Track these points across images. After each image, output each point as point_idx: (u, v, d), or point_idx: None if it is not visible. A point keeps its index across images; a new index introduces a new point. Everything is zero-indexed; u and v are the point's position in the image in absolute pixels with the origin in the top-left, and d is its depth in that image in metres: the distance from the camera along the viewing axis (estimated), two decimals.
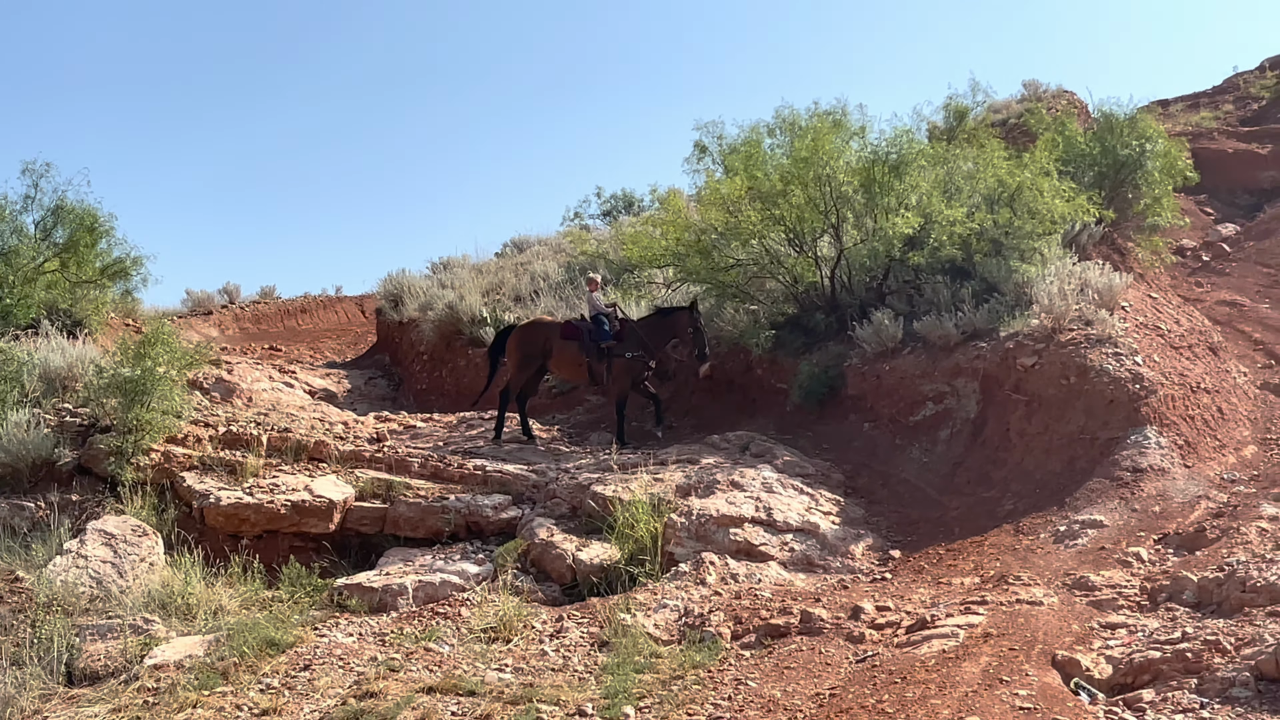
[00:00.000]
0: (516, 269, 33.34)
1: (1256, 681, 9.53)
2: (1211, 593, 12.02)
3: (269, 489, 16.14)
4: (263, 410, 19.97)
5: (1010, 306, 19.54)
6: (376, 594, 14.02)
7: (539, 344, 20.70)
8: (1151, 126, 24.71)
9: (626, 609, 13.12)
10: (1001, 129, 30.40)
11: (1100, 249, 22.96)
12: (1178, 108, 40.11)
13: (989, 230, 20.75)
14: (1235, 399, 19.54)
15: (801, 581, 14.50)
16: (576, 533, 15.80)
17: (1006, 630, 11.38)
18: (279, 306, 40.23)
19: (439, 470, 17.58)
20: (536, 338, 20.82)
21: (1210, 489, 16.04)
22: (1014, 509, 16.21)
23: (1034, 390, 17.93)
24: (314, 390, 26.15)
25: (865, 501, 17.48)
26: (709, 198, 22.52)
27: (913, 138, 22.13)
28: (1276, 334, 24.37)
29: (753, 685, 10.98)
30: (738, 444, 19.08)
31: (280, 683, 11.19)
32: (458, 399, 25.82)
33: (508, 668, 11.81)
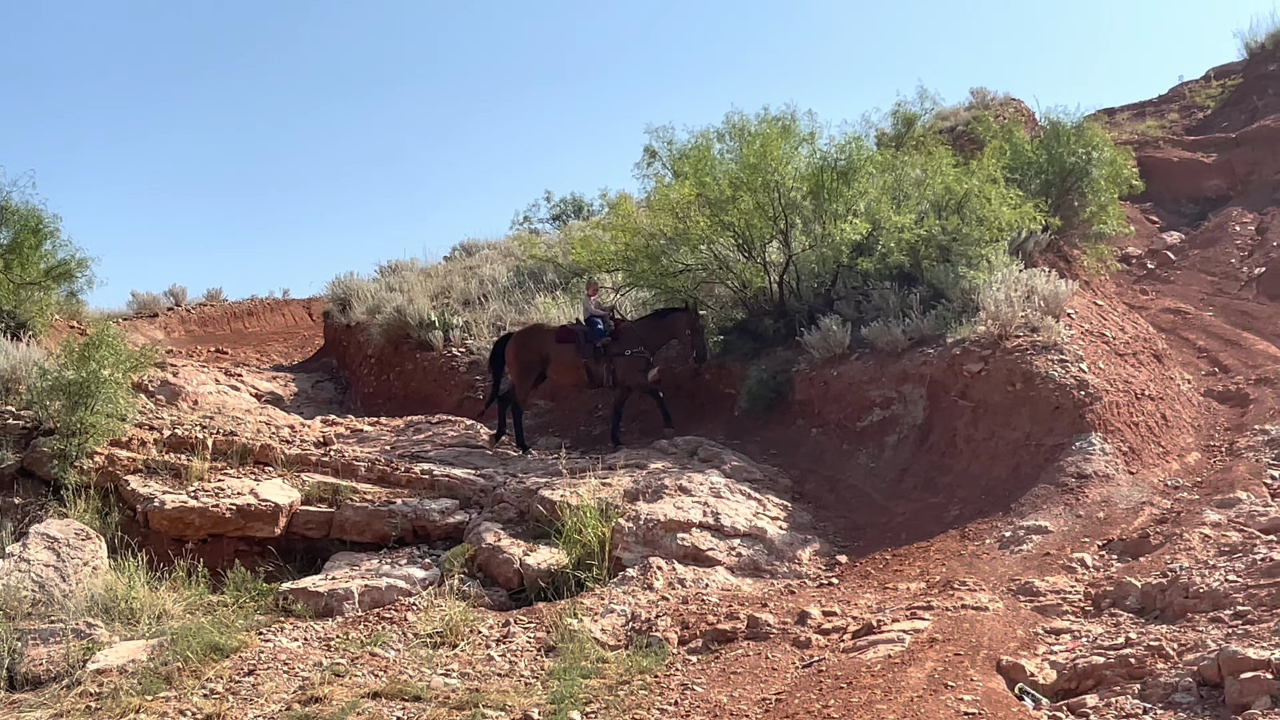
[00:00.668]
0: (465, 273, 33.23)
1: (1199, 687, 9.60)
2: (1155, 598, 12.11)
3: (214, 493, 16.05)
4: (208, 413, 19.83)
5: (957, 313, 19.62)
6: (322, 599, 13.96)
7: (537, 350, 20.70)
8: (1098, 135, 24.86)
9: (573, 614, 13.11)
10: (949, 136, 30.54)
11: (1046, 256, 23.09)
12: (1124, 116, 40.36)
13: (937, 237, 20.83)
14: (1179, 406, 19.69)
15: (749, 586, 14.52)
16: (524, 537, 15.77)
17: (952, 636, 11.42)
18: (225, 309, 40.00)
19: (386, 474, 17.53)
20: (534, 344, 20.82)
21: (1154, 495, 16.15)
22: (960, 515, 16.28)
23: (980, 396, 18.02)
24: (260, 393, 25.98)
25: (813, 507, 17.52)
26: (658, 203, 22.53)
27: (861, 144, 22.20)
28: (1220, 341, 24.57)
29: (699, 690, 10.98)
30: (686, 449, 19.09)
31: (224, 688, 11.11)
32: (405, 403, 25.74)
33: (454, 673, 11.78)
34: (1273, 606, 10.80)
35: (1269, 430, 18.76)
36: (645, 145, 22.94)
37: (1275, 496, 15.61)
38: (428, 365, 26.99)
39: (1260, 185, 32.51)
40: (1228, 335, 24.90)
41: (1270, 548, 12.64)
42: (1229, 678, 9.36)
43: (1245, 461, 17.42)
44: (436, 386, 26.27)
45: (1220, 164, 34.24)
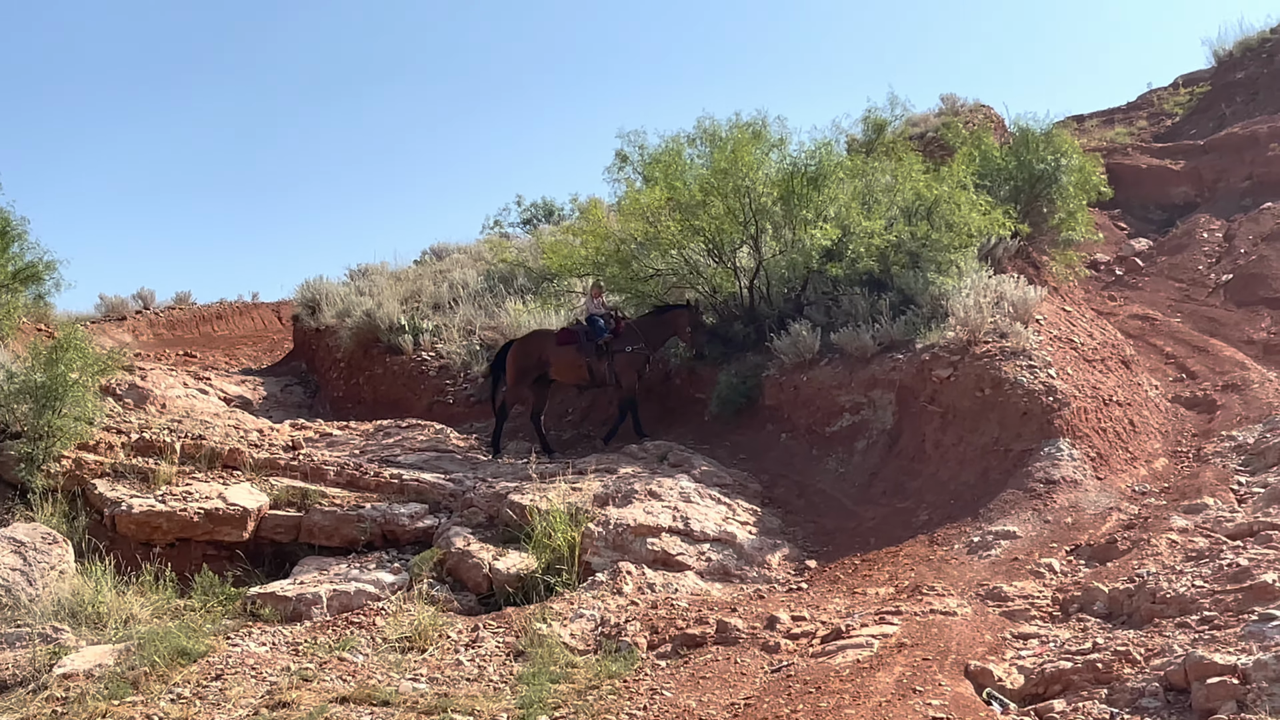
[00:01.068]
0: (435, 277, 33.17)
1: (1165, 692, 9.64)
2: (1122, 604, 12.15)
3: (182, 497, 15.98)
4: (176, 417, 19.75)
5: (927, 319, 19.67)
6: (290, 603, 13.91)
7: (534, 355, 20.76)
8: (1067, 142, 24.96)
9: (543, 619, 13.10)
10: (919, 142, 30.61)
11: (1016, 262, 23.17)
12: (1093, 123, 40.55)
13: (906, 243, 20.89)
14: (1147, 412, 19.78)
15: (718, 591, 14.53)
16: (493, 542, 15.74)
17: (920, 640, 11.45)
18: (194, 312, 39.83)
19: (355, 478, 17.48)
20: (531, 350, 20.88)
21: (1121, 501, 16.21)
22: (929, 520, 16.32)
23: (949, 402, 18.07)
24: (229, 397, 25.90)
25: (782, 511, 17.54)
26: (629, 207, 22.52)
27: (831, 150, 22.23)
28: (1188, 348, 24.69)
29: (668, 695, 10.98)
30: (655, 453, 19.09)
31: (191, 692, 11.06)
32: (375, 407, 25.69)
33: (422, 677, 11.75)
34: (1239, 612, 10.85)
35: (1236, 436, 18.85)
36: (616, 150, 22.93)
37: (1242, 502, 15.67)
38: (397, 369, 26.94)
39: (1228, 192, 32.70)
40: (1195, 341, 25.02)
41: (1237, 553, 12.70)
42: (1195, 683, 9.40)
43: (1212, 467, 17.50)
44: (406, 391, 26.23)
45: (1188, 171, 34.42)
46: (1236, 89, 38.79)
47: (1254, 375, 22.23)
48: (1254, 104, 37.14)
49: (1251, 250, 28.49)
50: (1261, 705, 8.83)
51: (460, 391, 25.23)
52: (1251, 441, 18.30)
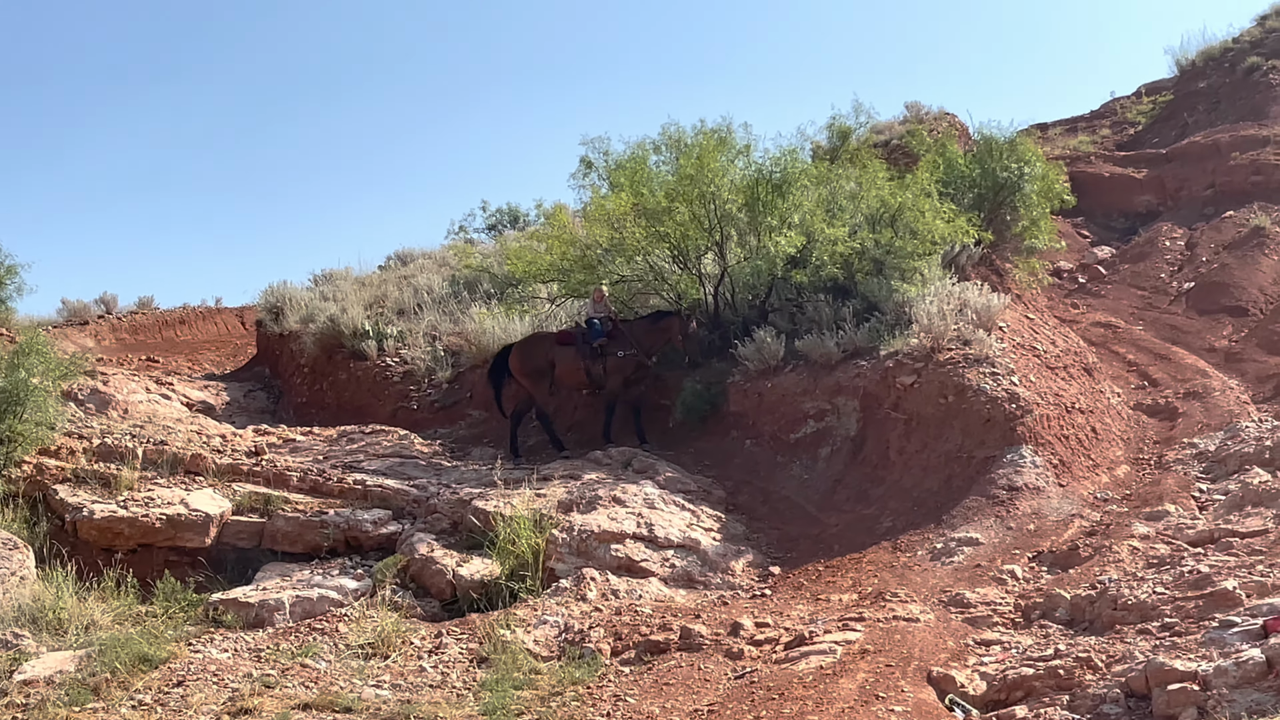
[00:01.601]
0: (400, 282, 33.03)
1: (1127, 698, 9.70)
2: (1084, 610, 12.22)
3: (144, 502, 15.88)
4: (139, 422, 19.64)
5: (890, 326, 19.71)
6: (253, 609, 13.84)
7: (543, 356, 20.69)
8: (1030, 150, 25.03)
9: (506, 625, 13.08)
10: (884, 150, 30.61)
11: (979, 270, 23.24)
12: (1056, 131, 40.73)
13: (870, 250, 20.93)
14: (1109, 419, 19.87)
15: (682, 598, 14.54)
16: (457, 548, 15.70)
17: (883, 647, 11.48)
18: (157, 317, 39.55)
19: (318, 484, 17.41)
20: (537, 351, 20.82)
21: (1084, 508, 16.30)
22: (892, 526, 16.37)
23: (913, 409, 18.12)
24: (192, 402, 25.76)
25: (746, 518, 17.55)
26: (594, 213, 22.51)
27: (796, 157, 22.24)
28: (1150, 355, 24.83)
29: (631, 701, 10.99)
30: (620, 460, 19.08)
31: (153, 699, 11.00)
32: (338, 412, 25.58)
33: (385, 684, 11.72)
34: (1200, 618, 10.92)
35: (1197, 444, 18.98)
36: (581, 156, 22.86)
37: (1203, 509, 15.78)
38: (361, 375, 26.84)
39: (1190, 201, 32.90)
40: (1157, 349, 25.17)
41: (1198, 560, 12.80)
42: (1156, 689, 9.47)
43: (1174, 475, 17.61)
44: (370, 396, 26.14)
45: (1151, 179, 34.62)
46: (1199, 98, 39.04)
47: (1215, 383, 22.37)
48: (1216, 113, 37.39)
49: (1213, 259, 28.68)
50: (1222, 711, 8.89)
51: (424, 397, 25.16)
52: (1213, 449, 18.42)
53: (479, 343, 25.06)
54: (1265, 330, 25.06)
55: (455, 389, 25.10)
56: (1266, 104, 35.75)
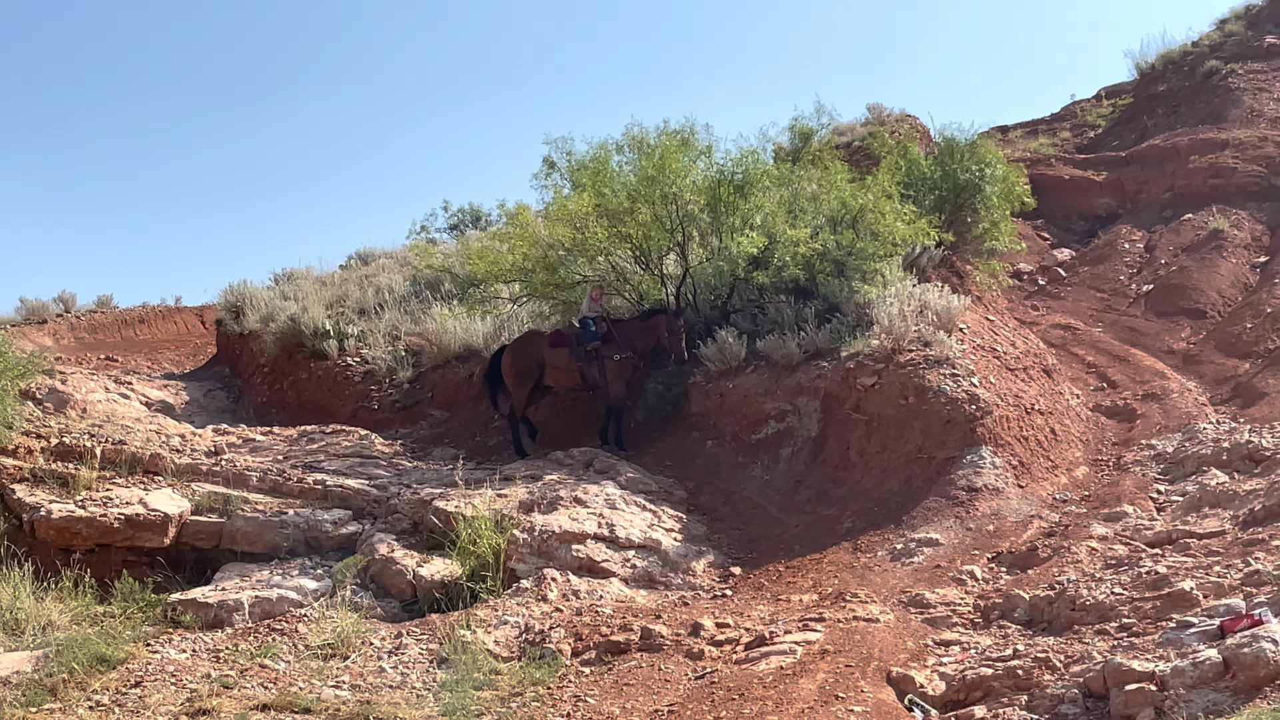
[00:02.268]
0: (361, 281, 32.96)
1: (1085, 698, 9.75)
2: (1042, 611, 12.27)
3: (102, 502, 15.77)
4: (97, 422, 19.50)
5: (852, 327, 19.75)
6: (212, 610, 13.77)
7: (532, 357, 20.64)
8: (991, 152, 25.12)
9: (467, 625, 13.05)
10: (846, 151, 30.68)
11: (940, 272, 23.30)
12: (1017, 134, 40.92)
13: (832, 251, 20.96)
14: (1068, 420, 19.98)
15: (643, 598, 14.54)
16: (418, 548, 15.65)
17: (843, 647, 11.51)
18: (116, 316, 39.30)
19: (278, 484, 17.33)
20: (528, 351, 20.79)
21: (1043, 509, 16.38)
22: (853, 527, 16.41)
23: (873, 410, 18.17)
24: (151, 402, 25.60)
25: (707, 519, 17.56)
26: (557, 214, 22.46)
27: (758, 158, 22.27)
28: (1109, 357, 24.98)
29: (592, 702, 10.99)
30: (582, 460, 19.07)
31: (110, 700, 10.95)
32: (299, 412, 25.48)
33: (345, 685, 11.69)
34: (1157, 619, 10.98)
35: (1156, 445, 19.10)
36: (544, 156, 22.81)
37: (1161, 510, 15.88)
38: (322, 375, 26.74)
39: (1149, 203, 33.10)
40: (1116, 351, 25.32)
41: (1155, 561, 12.87)
42: (1114, 689, 9.51)
43: (1132, 476, 17.72)
44: (331, 396, 26.04)
45: (1110, 182, 34.82)
46: (1158, 101, 39.27)
47: (1174, 385, 22.52)
48: (1175, 116, 37.62)
49: (1172, 261, 28.87)
50: (1179, 711, 8.93)
51: (385, 397, 25.09)
52: (1171, 450, 18.54)
53: (440, 343, 25.01)
54: (1223, 332, 25.23)
55: (416, 389, 25.04)
56: (1225, 107, 35.97)
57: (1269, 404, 20.37)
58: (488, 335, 24.49)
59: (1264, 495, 14.18)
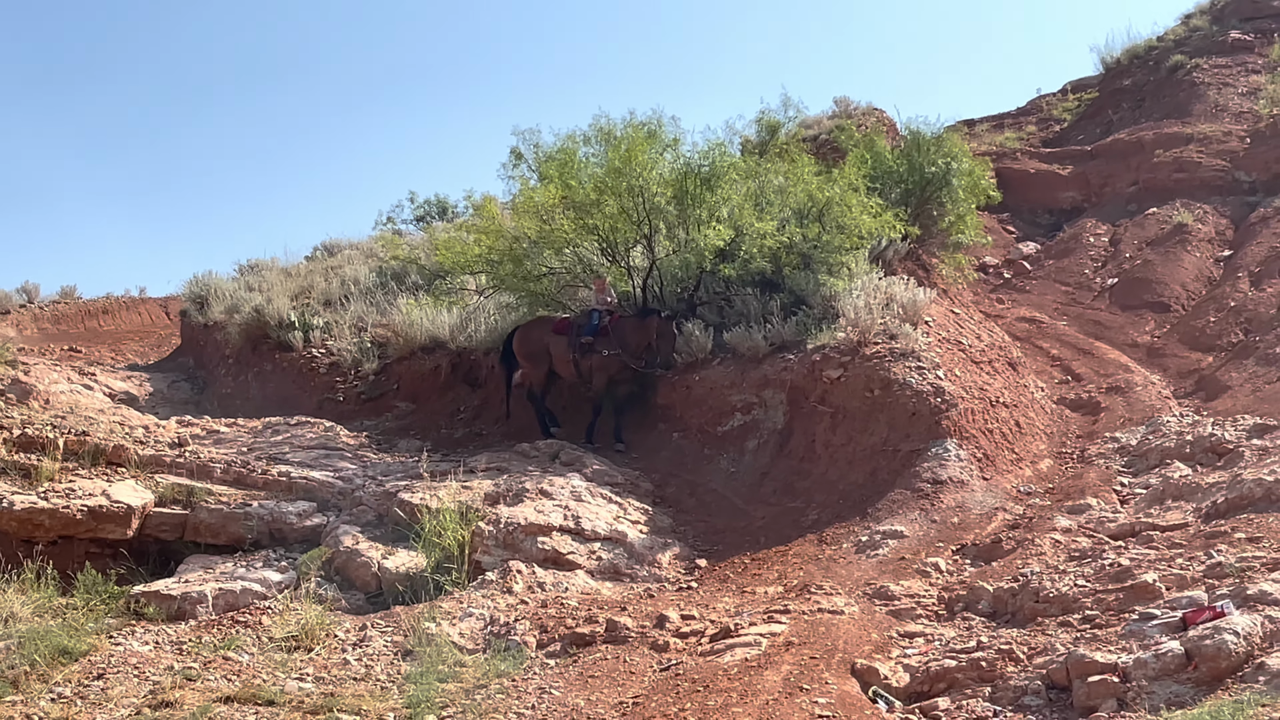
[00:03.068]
0: (327, 273, 32.88)
1: (1047, 690, 9.80)
2: (1006, 603, 12.32)
3: (65, 494, 15.66)
4: (60, 413, 19.39)
5: (818, 319, 19.78)
6: (175, 602, 13.71)
7: (539, 342, 20.64)
8: (957, 145, 25.15)
9: (431, 618, 13.02)
10: (812, 144, 30.71)
11: (906, 265, 23.36)
12: (983, 128, 40.98)
13: (798, 244, 20.99)
14: (1033, 413, 20.06)
15: (608, 590, 14.55)
16: (383, 540, 15.60)
17: (808, 639, 11.53)
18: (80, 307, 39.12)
19: (242, 476, 17.26)
20: (534, 336, 20.78)
21: (1007, 501, 16.44)
22: (818, 519, 16.44)
23: (839, 402, 18.21)
24: (115, 393, 25.48)
25: (673, 511, 17.57)
26: (523, 205, 22.42)
27: (725, 151, 22.29)
28: (1073, 350, 25.08)
29: (557, 694, 10.99)
30: (548, 452, 19.05)
31: (73, 692, 10.90)
32: (263, 404, 25.37)
33: (308, 677, 11.66)
34: (1120, 611, 11.03)
35: (1119, 438, 19.19)
36: (511, 147, 22.82)
37: (1124, 503, 15.96)
38: (287, 366, 26.65)
39: (1114, 197, 33.22)
40: (1081, 344, 25.43)
41: (1118, 553, 12.93)
42: (1077, 680, 9.56)
43: (1096, 468, 17.81)
44: (296, 388, 25.95)
45: (1075, 176, 34.93)
46: (1124, 96, 39.42)
47: (1137, 378, 22.64)
48: (1140, 111, 37.76)
49: (1136, 255, 28.99)
50: (1141, 703, 8.99)
51: (351, 389, 25.01)
52: (1134, 443, 18.63)
53: (406, 334, 24.96)
54: (1187, 326, 25.37)
55: (382, 380, 24.98)
56: (1190, 102, 36.13)
57: (1232, 397, 20.50)
58: (454, 327, 24.43)
59: (1227, 488, 14.26)
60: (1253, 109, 34.51)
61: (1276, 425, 17.52)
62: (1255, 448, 16.58)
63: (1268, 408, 18.83)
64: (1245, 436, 17.39)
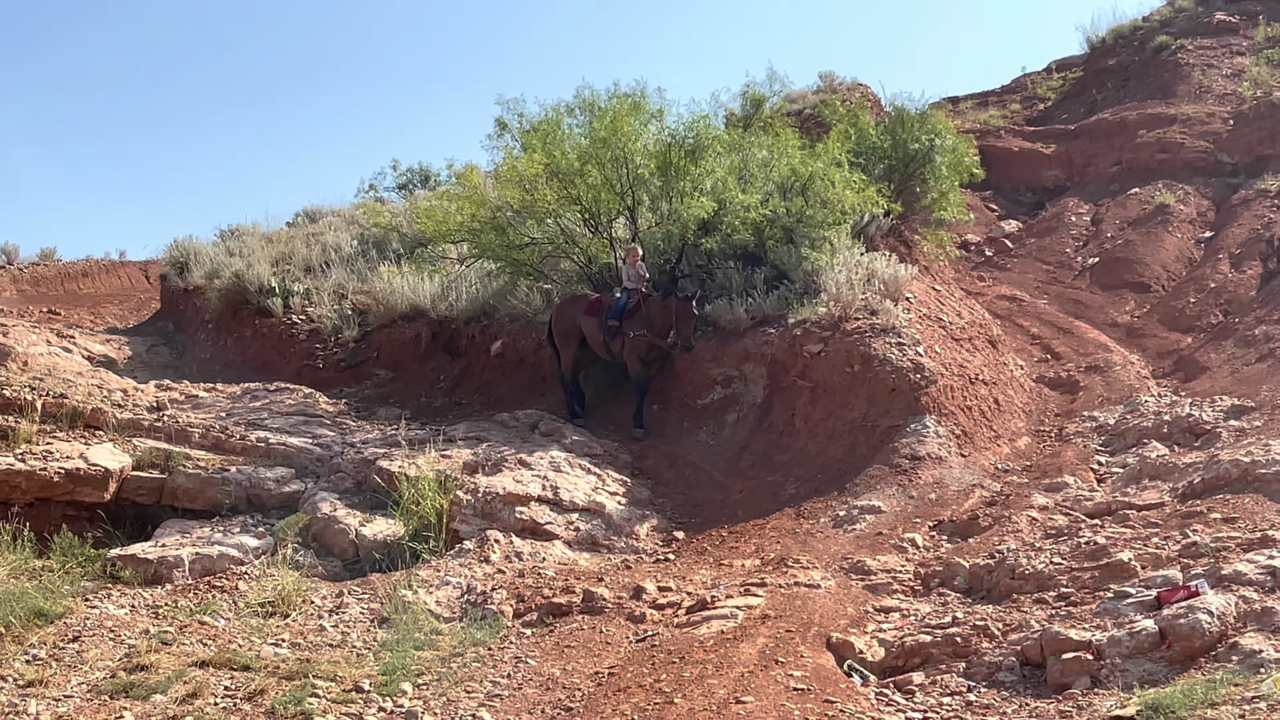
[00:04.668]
0: (308, 239, 32.78)
1: (1022, 666, 9.84)
2: (982, 579, 12.36)
3: (42, 456, 15.61)
4: (38, 375, 19.30)
5: (799, 294, 19.77)
6: (151, 566, 13.68)
7: (572, 321, 20.12)
8: (941, 122, 25.13)
9: (408, 585, 13.02)
10: (797, 119, 30.69)
11: (888, 241, 23.35)
12: (967, 105, 40.99)
13: (781, 218, 20.96)
14: (1012, 391, 20.10)
15: (586, 561, 14.56)
16: (361, 508, 15.59)
17: (784, 612, 11.55)
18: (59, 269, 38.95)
19: (220, 441, 17.23)
20: (568, 314, 20.30)
21: (985, 478, 16.48)
22: (796, 493, 16.46)
23: (819, 377, 18.21)
24: (93, 356, 25.39)
25: (651, 483, 17.57)
26: (507, 175, 22.35)
27: (710, 124, 22.21)
28: (1053, 329, 25.13)
29: (532, 663, 11.00)
30: (527, 422, 19.04)
31: (48, 654, 10.87)
32: (243, 369, 25.32)
33: (284, 643, 11.64)
34: (1095, 589, 11.07)
35: (1097, 417, 19.25)
36: (496, 117, 22.71)
37: (1101, 481, 16.02)
38: (266, 332, 26.59)
39: (1096, 177, 33.27)
40: (1061, 323, 25.49)
41: (1094, 531, 12.98)
42: (1051, 657, 9.61)
43: (1073, 447, 17.86)
44: (275, 354, 25.90)
45: (1059, 155, 34.98)
46: (1108, 75, 39.44)
47: (1116, 357, 22.70)
48: (1124, 90, 37.80)
49: (1118, 235, 29.04)
50: (1115, 680, 9.03)
51: (330, 356, 24.96)
52: (1112, 422, 18.69)
53: (387, 302, 24.92)
54: (1167, 306, 25.44)
55: (362, 348, 24.94)
56: (1174, 83, 36.17)
57: (1210, 378, 20.56)
58: (435, 295, 24.38)
59: (1203, 468, 14.31)
60: (1236, 91, 34.55)
61: (1254, 407, 17.60)
62: (1232, 429, 16.66)
63: (1245, 389, 18.88)
64: (1223, 417, 17.46)
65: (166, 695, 9.96)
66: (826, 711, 9.21)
